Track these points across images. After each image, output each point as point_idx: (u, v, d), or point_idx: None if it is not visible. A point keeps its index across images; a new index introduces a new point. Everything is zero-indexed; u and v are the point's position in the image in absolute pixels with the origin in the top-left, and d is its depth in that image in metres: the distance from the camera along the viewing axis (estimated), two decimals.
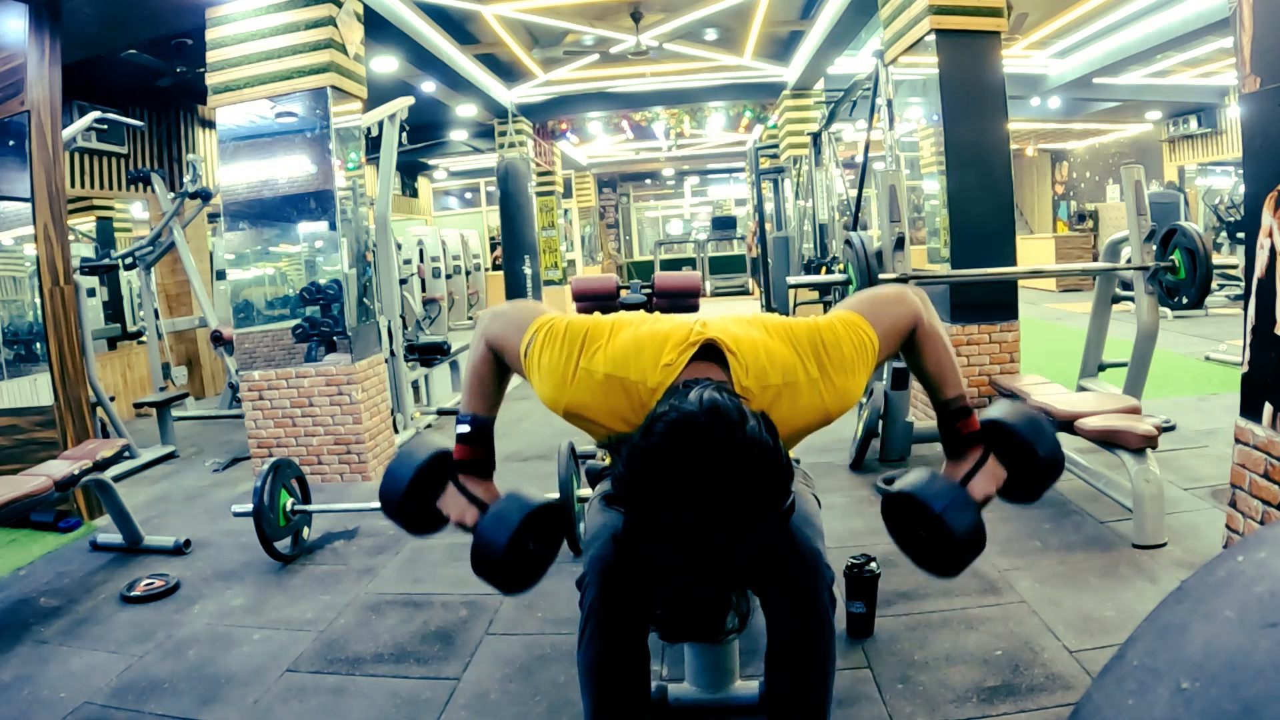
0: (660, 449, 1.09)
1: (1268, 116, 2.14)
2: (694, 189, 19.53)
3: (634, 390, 1.33)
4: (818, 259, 8.33)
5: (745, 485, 1.07)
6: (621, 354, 1.35)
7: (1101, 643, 2.07)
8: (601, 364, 1.35)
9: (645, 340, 1.36)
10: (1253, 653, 0.52)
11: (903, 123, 4.57)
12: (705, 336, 1.35)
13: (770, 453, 1.10)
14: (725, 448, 1.07)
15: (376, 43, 5.67)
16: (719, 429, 1.08)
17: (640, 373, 1.33)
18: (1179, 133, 10.64)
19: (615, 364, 1.35)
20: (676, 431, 1.09)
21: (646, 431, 1.11)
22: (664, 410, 1.13)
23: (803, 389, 1.35)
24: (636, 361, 1.34)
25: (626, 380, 1.34)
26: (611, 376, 1.34)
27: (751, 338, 1.37)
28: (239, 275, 4.25)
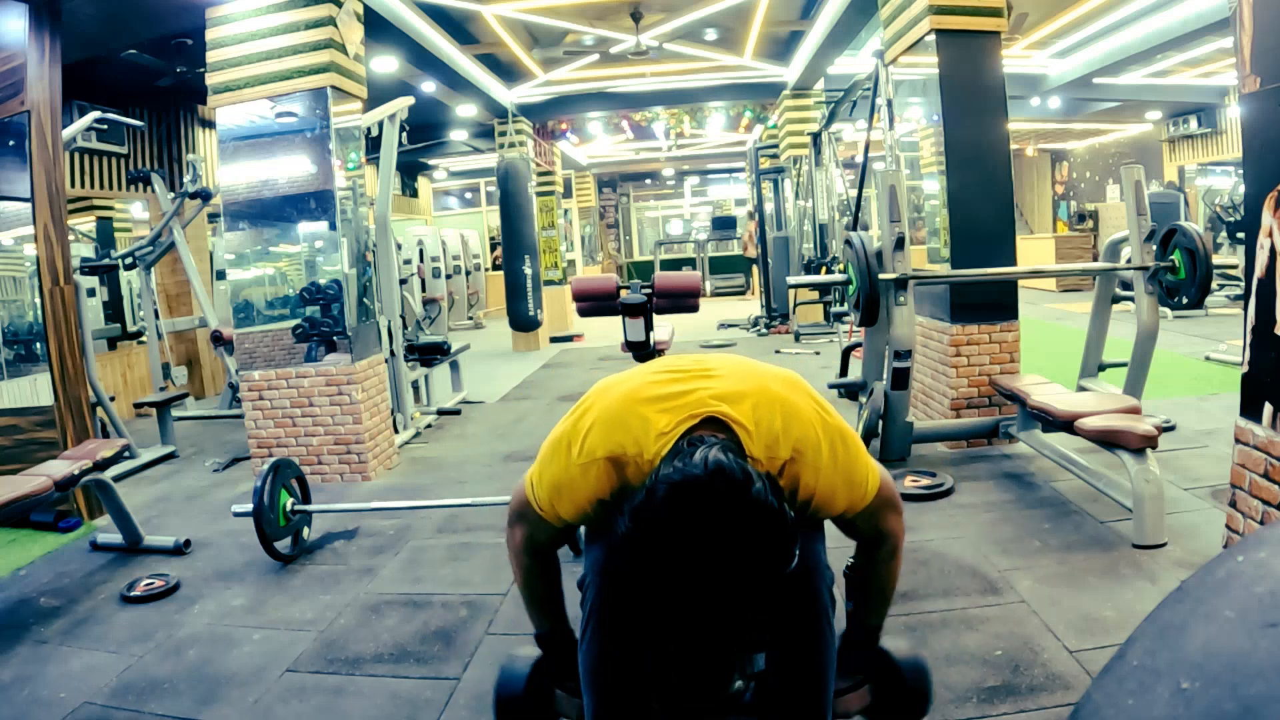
0: (664, 510, 1.07)
1: (1268, 116, 2.14)
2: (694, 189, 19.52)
3: (634, 464, 1.30)
4: (818, 259, 8.34)
5: (749, 547, 1.07)
6: (607, 431, 1.31)
7: (1101, 643, 2.07)
8: (595, 448, 1.31)
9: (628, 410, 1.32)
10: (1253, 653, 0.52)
11: (903, 123, 4.57)
12: (704, 413, 1.29)
13: (775, 515, 1.09)
14: (730, 509, 1.06)
15: (376, 43, 5.67)
16: (724, 490, 1.07)
17: (636, 445, 1.29)
18: (1179, 133, 10.64)
19: (606, 443, 1.31)
20: (680, 493, 1.08)
21: (650, 491, 1.10)
22: (668, 470, 1.11)
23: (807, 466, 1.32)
24: (628, 434, 1.30)
25: (624, 455, 1.30)
26: (608, 459, 1.31)
27: (771, 393, 1.33)
28: (239, 275, 4.25)
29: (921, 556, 2.69)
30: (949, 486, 3.35)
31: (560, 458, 1.36)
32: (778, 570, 1.11)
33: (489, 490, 3.78)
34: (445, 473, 4.24)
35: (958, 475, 3.50)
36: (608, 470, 1.32)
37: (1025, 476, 3.48)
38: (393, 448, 4.46)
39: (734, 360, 1.46)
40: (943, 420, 4.04)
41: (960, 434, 3.86)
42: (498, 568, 2.87)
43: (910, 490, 3.32)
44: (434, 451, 4.73)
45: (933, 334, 4.19)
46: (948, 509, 3.16)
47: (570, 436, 1.36)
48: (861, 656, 1.57)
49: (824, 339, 8.17)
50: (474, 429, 5.25)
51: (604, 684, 1.45)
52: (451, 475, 4.18)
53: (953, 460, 3.79)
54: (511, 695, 1.57)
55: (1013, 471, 3.56)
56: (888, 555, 1.51)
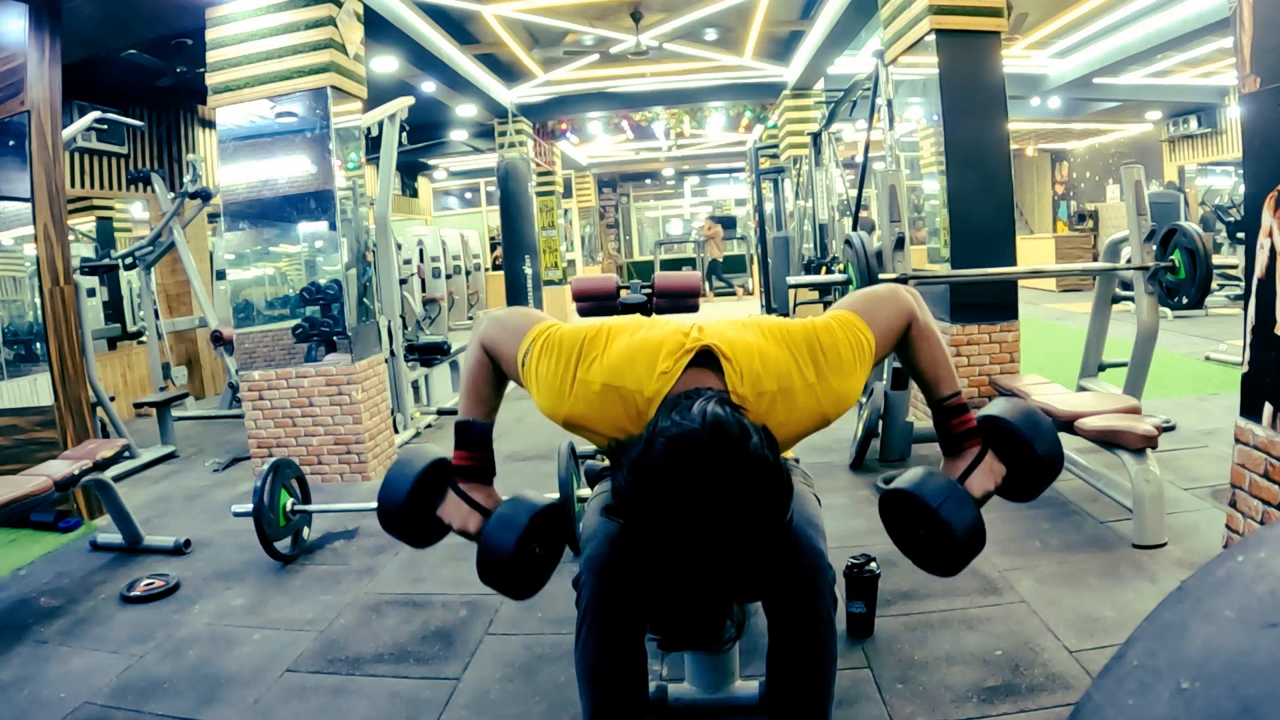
0: (663, 465, 1.09)
1: (1268, 116, 2.14)
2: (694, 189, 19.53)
3: (631, 399, 1.33)
4: (818, 259, 8.34)
5: (746, 501, 1.08)
6: (617, 363, 1.35)
7: (1101, 643, 2.07)
8: (598, 374, 1.35)
9: (639, 348, 1.36)
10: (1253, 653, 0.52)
11: (903, 123, 4.57)
12: (701, 343, 1.34)
13: (771, 468, 1.11)
14: (728, 464, 1.08)
15: (376, 43, 5.67)
16: (722, 445, 1.09)
17: (636, 381, 1.33)
18: (1179, 133, 10.64)
19: (611, 374, 1.34)
20: (679, 447, 1.09)
21: (648, 445, 1.11)
22: (666, 425, 1.13)
23: (799, 393, 1.35)
24: (631, 370, 1.33)
25: (623, 389, 1.33)
26: (608, 386, 1.34)
27: (746, 342, 1.37)
28: (239, 275, 4.25)
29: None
30: None
31: (566, 360, 1.37)
32: (773, 522, 1.12)
33: None
34: None
35: None
36: (601, 395, 1.34)
37: None
38: (393, 448, 4.46)
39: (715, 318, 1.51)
40: None
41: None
42: None
43: None
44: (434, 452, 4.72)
45: None
46: None
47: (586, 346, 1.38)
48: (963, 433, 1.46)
49: None
50: None
51: (599, 680, 1.46)
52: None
53: None
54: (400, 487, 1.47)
55: None
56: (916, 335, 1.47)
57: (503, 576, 1.39)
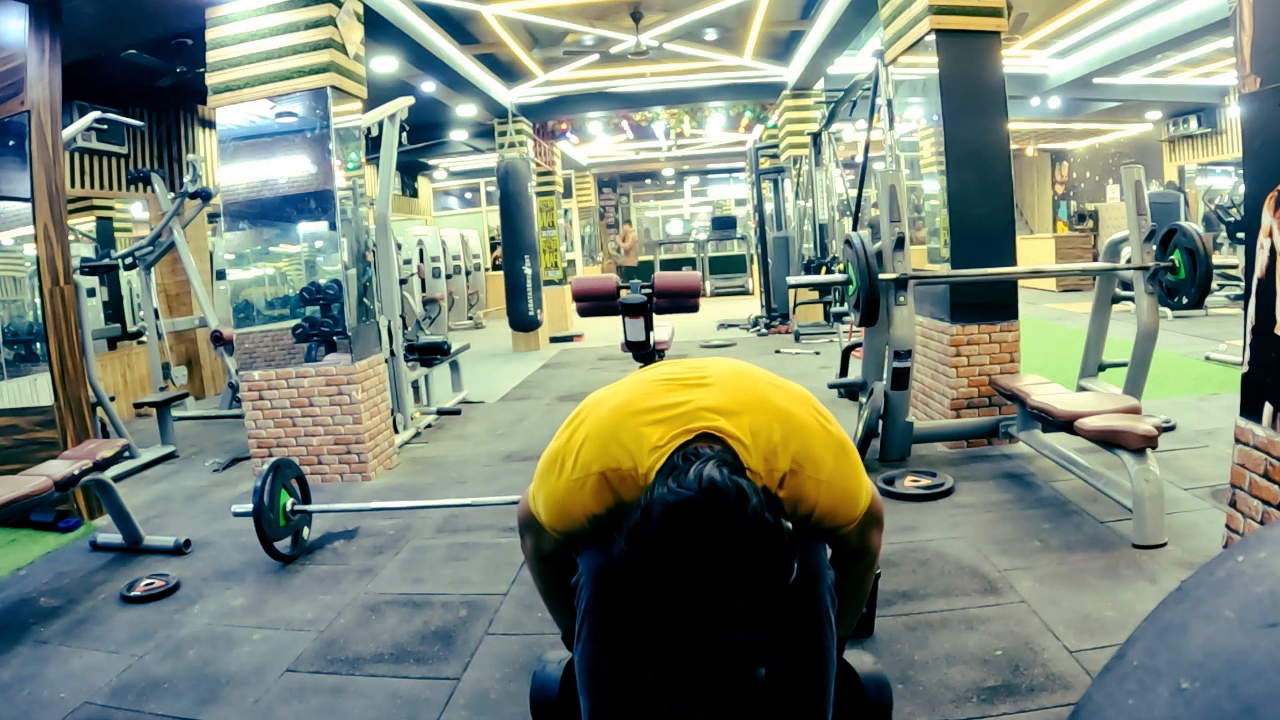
0: (659, 531, 1.08)
1: (1268, 116, 2.14)
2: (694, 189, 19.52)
3: (630, 477, 1.30)
4: (818, 259, 8.34)
5: (747, 564, 1.07)
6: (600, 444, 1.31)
7: (1101, 643, 2.07)
8: (592, 463, 1.31)
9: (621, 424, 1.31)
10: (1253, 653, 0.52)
11: (903, 123, 4.57)
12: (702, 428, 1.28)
13: (772, 531, 1.09)
14: (725, 529, 1.06)
15: (376, 43, 5.67)
16: (719, 512, 1.07)
17: (631, 459, 1.29)
18: (1179, 133, 10.64)
19: (600, 458, 1.31)
20: (675, 514, 1.08)
21: (645, 514, 1.10)
22: (662, 492, 1.11)
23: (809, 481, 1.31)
24: (621, 449, 1.30)
25: (619, 470, 1.30)
26: (603, 473, 1.31)
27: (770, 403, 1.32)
28: (239, 275, 4.25)
29: (922, 556, 2.69)
30: (949, 486, 3.35)
31: (556, 474, 1.36)
32: (776, 584, 1.11)
33: (489, 490, 3.79)
34: (445, 473, 4.24)
35: (958, 475, 3.50)
36: (602, 485, 1.32)
37: (1025, 476, 3.48)
38: (393, 448, 4.46)
39: (732, 367, 1.43)
40: (943, 420, 4.04)
41: (960, 434, 3.86)
42: (498, 567, 2.87)
43: (910, 490, 3.32)
44: (434, 451, 4.73)
45: (933, 334, 4.19)
46: (948, 509, 3.16)
47: (564, 452, 1.36)
48: None
49: (824, 339, 8.17)
50: (474, 429, 5.25)
51: (599, 683, 1.46)
52: (451, 475, 4.18)
53: (953, 460, 3.78)
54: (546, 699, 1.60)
55: (1013, 471, 3.56)
56: (865, 569, 1.52)
57: None
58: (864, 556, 1.50)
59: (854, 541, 1.45)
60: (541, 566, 1.53)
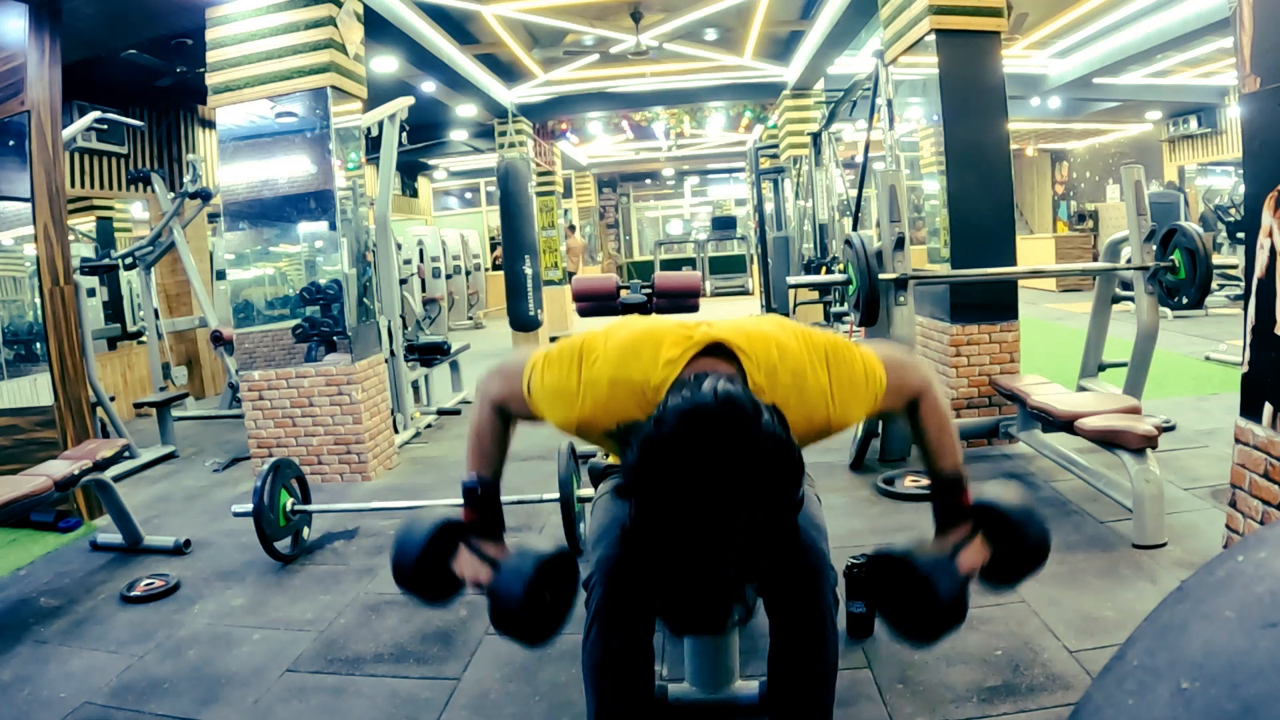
0: (673, 438, 1.06)
1: (1268, 116, 2.14)
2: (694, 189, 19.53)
3: (639, 390, 1.31)
4: (818, 259, 8.34)
5: (758, 476, 1.06)
6: (619, 356, 1.34)
7: (1101, 643, 2.07)
8: (604, 369, 1.33)
9: (642, 339, 1.35)
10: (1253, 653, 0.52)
11: (903, 123, 4.57)
12: (710, 338, 1.32)
13: (784, 445, 1.09)
14: (739, 438, 1.06)
15: (376, 43, 5.66)
16: (733, 420, 1.06)
17: (642, 371, 1.31)
18: (1179, 133, 10.64)
19: (616, 367, 1.33)
20: (690, 420, 1.07)
21: (659, 420, 1.08)
22: (677, 400, 1.10)
23: (811, 391, 1.34)
24: (638, 361, 1.32)
25: (630, 381, 1.31)
26: (616, 380, 1.32)
27: (763, 333, 1.36)
28: (239, 275, 4.25)
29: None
30: None
31: (569, 365, 1.36)
32: (786, 503, 1.10)
33: None
34: (445, 473, 4.24)
35: None
36: (610, 392, 1.33)
37: (1025, 476, 3.48)
38: (393, 448, 4.46)
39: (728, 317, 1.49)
40: None
41: (960, 434, 3.84)
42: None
43: (910, 490, 3.32)
44: (434, 451, 4.73)
45: (933, 334, 4.19)
46: None
47: (585, 348, 1.37)
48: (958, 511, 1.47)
49: None
50: None
51: (606, 682, 1.46)
52: (451, 475, 4.18)
53: None
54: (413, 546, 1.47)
55: (1013, 471, 3.56)
56: (928, 408, 1.47)
57: (513, 623, 1.40)
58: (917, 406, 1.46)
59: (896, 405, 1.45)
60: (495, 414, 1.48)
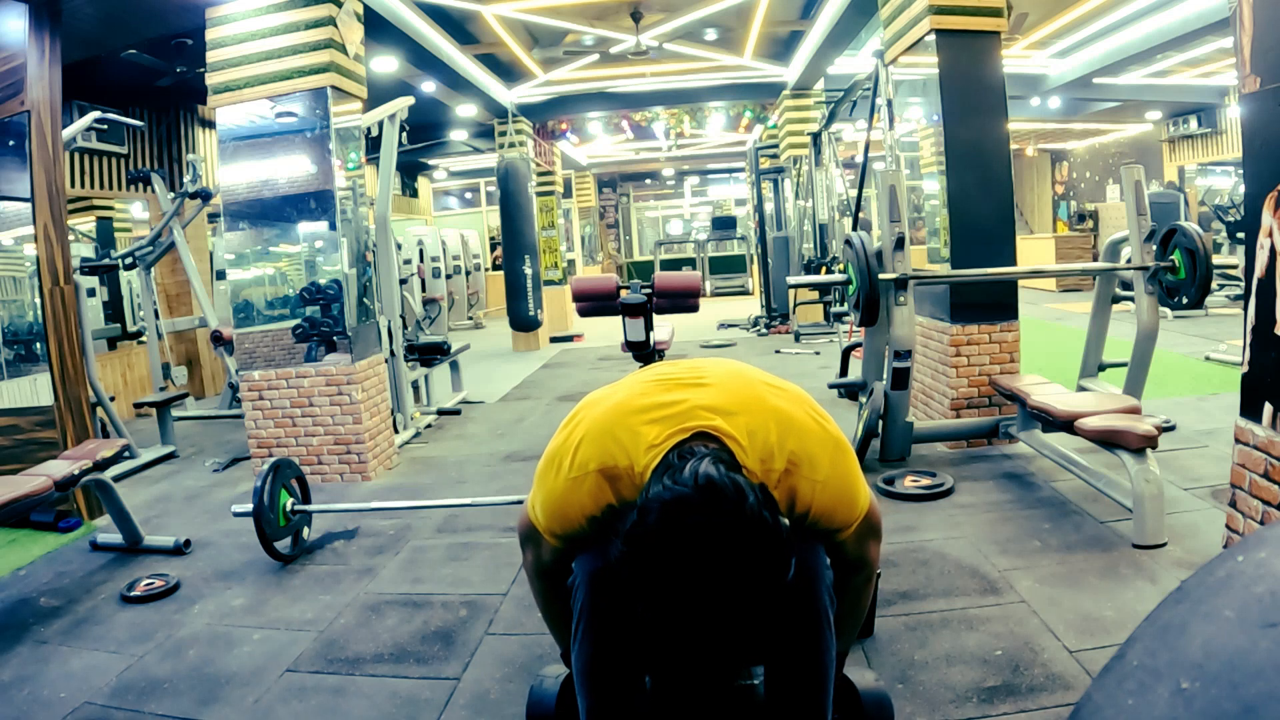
0: (656, 530, 1.07)
1: (1268, 116, 2.14)
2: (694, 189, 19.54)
3: (628, 476, 1.30)
4: (818, 259, 8.34)
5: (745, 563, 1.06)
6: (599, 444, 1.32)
7: (1101, 643, 2.07)
8: (589, 461, 1.32)
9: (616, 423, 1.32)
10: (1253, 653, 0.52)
11: (903, 123, 4.57)
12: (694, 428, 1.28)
13: (768, 530, 1.08)
14: (723, 526, 1.06)
15: (376, 43, 5.67)
16: (716, 507, 1.07)
17: (628, 457, 1.29)
18: (1179, 133, 10.64)
19: (598, 456, 1.31)
20: (671, 512, 1.07)
21: (642, 514, 1.10)
22: (659, 490, 1.11)
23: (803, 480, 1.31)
24: (618, 445, 1.30)
25: (616, 469, 1.30)
26: (602, 471, 1.31)
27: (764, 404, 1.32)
28: (239, 275, 4.24)
29: (922, 556, 2.69)
30: (949, 486, 3.35)
31: (553, 474, 1.36)
32: (774, 583, 1.10)
33: (489, 490, 3.79)
34: (445, 473, 4.24)
35: (958, 475, 3.50)
36: (599, 483, 1.32)
37: (1025, 476, 3.48)
38: (393, 448, 4.46)
39: (729, 367, 1.44)
40: (943, 420, 4.04)
41: (960, 434, 3.86)
42: (498, 568, 2.87)
43: (910, 490, 3.32)
44: (434, 451, 4.73)
45: (933, 334, 4.19)
46: (948, 509, 3.16)
47: (561, 453, 1.36)
48: None
49: (824, 339, 8.17)
50: (474, 429, 5.25)
51: (596, 684, 1.46)
52: (451, 475, 4.18)
53: (953, 460, 3.79)
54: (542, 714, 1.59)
55: (1013, 471, 3.56)
56: (863, 582, 1.52)
57: None
58: (862, 568, 1.49)
59: (851, 550, 1.45)
60: (542, 582, 1.52)
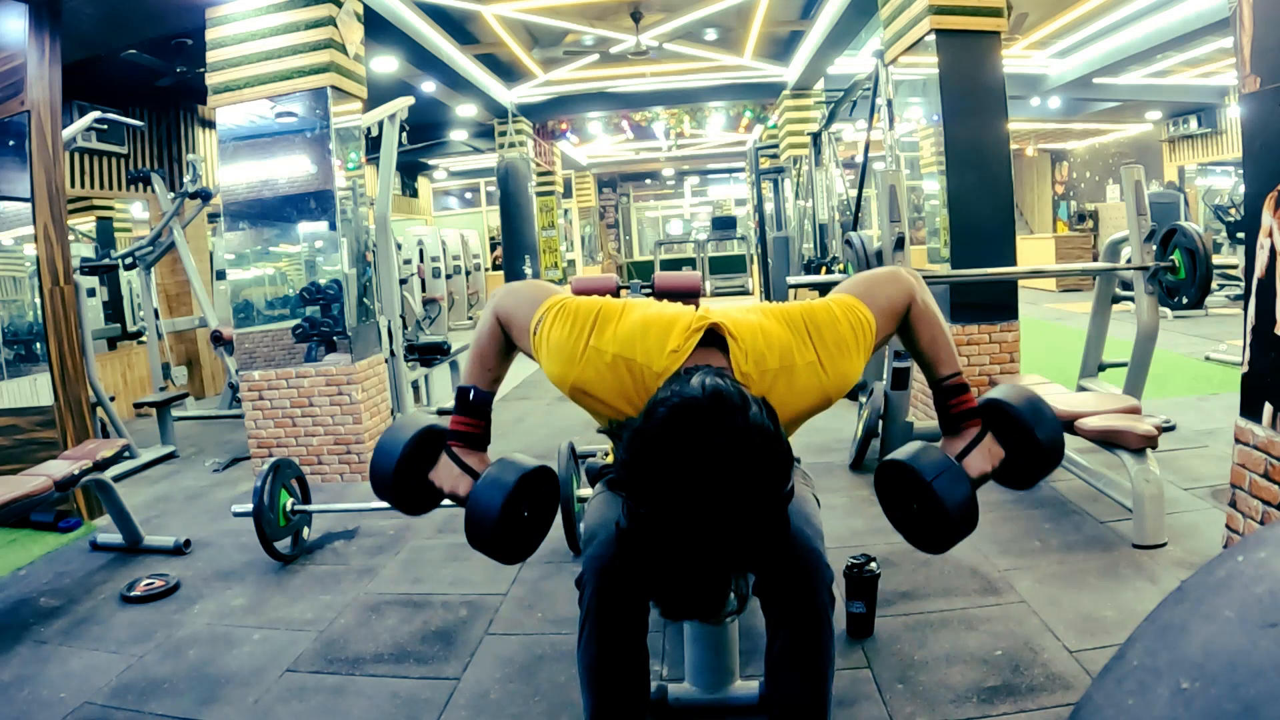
0: (662, 432, 1.09)
1: (1268, 116, 2.14)
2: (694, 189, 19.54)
3: (640, 373, 1.35)
4: (818, 259, 8.34)
5: (746, 467, 1.08)
6: (629, 336, 1.37)
7: (1101, 643, 2.07)
8: (611, 344, 1.37)
9: (653, 323, 1.38)
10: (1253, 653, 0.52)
11: (903, 123, 4.57)
12: (709, 322, 1.36)
13: (771, 437, 1.11)
14: (727, 431, 1.08)
15: (376, 43, 5.67)
16: (721, 413, 1.09)
17: (647, 355, 1.35)
18: (1179, 133, 10.64)
19: (623, 345, 1.36)
20: (679, 415, 1.09)
21: (649, 415, 1.12)
22: (666, 395, 1.13)
23: (800, 371, 1.37)
24: (644, 343, 1.36)
25: (633, 362, 1.35)
26: (620, 357, 1.36)
27: (750, 322, 1.40)
28: (239, 275, 4.24)
29: (922, 556, 2.69)
30: None
31: (580, 328, 1.39)
32: (774, 492, 1.11)
33: None
34: None
35: None
36: (611, 365, 1.36)
37: None
38: None
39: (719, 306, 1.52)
40: None
41: None
42: (498, 568, 2.86)
43: None
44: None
45: None
46: None
47: (599, 320, 1.39)
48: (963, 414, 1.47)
49: None
50: None
51: (601, 680, 1.46)
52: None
53: None
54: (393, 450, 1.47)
55: None
56: (917, 317, 1.48)
57: (489, 538, 1.38)
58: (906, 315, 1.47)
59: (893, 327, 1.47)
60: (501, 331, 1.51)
